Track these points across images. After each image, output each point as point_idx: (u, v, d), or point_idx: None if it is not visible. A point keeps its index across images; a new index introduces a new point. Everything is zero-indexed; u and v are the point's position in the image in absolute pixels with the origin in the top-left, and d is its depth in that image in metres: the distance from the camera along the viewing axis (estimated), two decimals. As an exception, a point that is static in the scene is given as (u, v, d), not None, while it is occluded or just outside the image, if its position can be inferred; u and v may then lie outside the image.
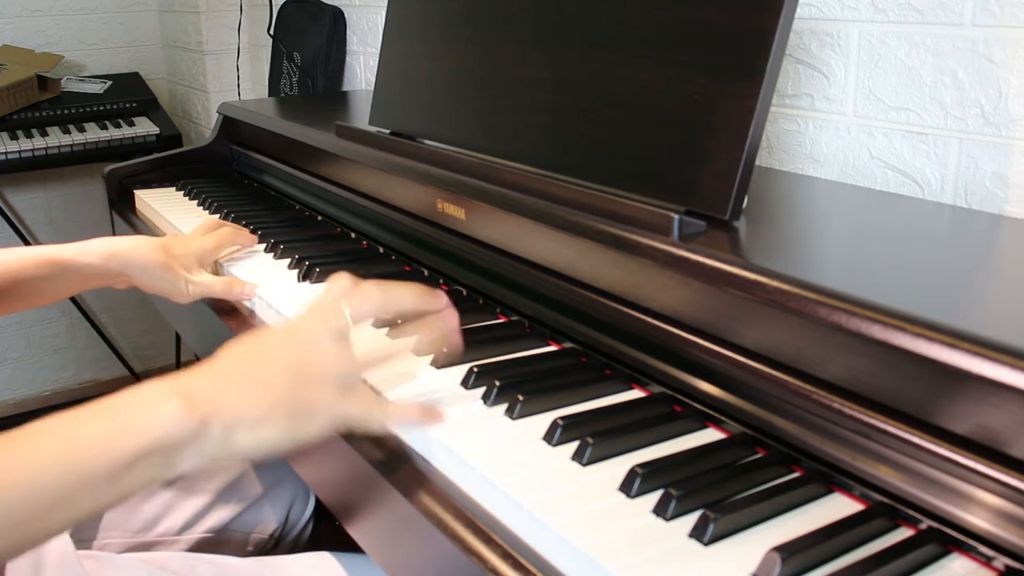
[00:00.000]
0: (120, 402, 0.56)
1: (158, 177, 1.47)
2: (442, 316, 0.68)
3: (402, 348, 0.67)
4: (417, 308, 0.67)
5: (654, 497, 0.55)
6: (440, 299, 0.68)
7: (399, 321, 0.69)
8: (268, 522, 1.02)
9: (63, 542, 0.78)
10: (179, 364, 2.71)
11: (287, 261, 1.01)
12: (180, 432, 0.55)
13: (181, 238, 0.99)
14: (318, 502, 1.07)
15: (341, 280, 0.65)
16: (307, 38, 1.96)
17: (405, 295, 0.66)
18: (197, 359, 0.85)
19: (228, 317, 0.94)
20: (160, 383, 0.57)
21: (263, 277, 0.97)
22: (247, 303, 0.96)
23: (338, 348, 0.61)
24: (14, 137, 2.23)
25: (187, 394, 0.56)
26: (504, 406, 0.66)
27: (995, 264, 0.69)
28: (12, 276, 0.89)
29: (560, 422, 0.62)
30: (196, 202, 1.33)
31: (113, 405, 0.56)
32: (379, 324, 0.74)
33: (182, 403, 0.55)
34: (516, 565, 0.52)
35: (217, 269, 1.04)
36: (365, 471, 0.65)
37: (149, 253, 0.93)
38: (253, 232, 1.12)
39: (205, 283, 0.95)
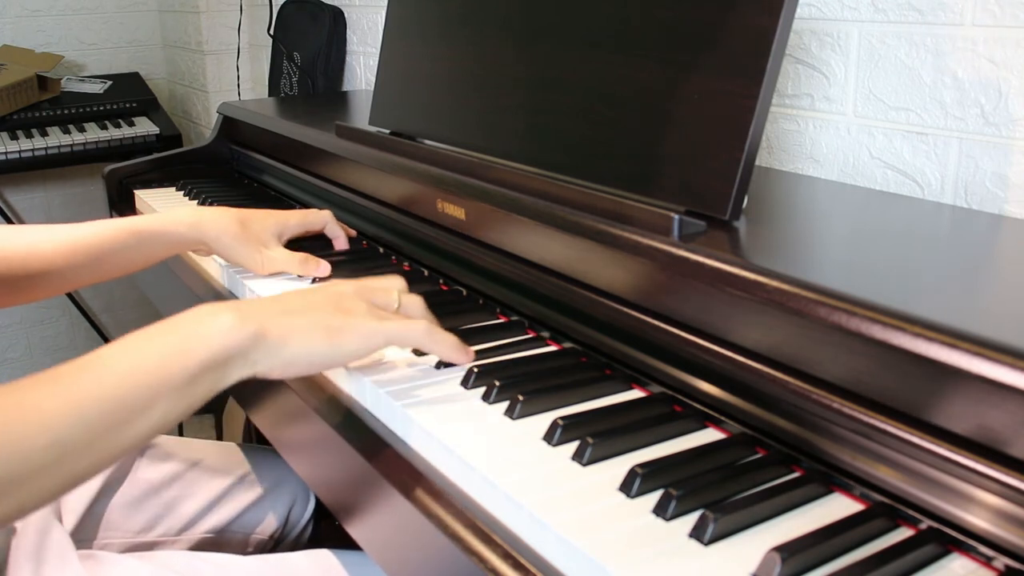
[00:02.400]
0: (181, 320, 0.62)
1: (158, 177, 1.47)
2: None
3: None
4: (446, 359, 0.72)
5: (654, 497, 0.55)
6: (468, 354, 0.72)
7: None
8: (268, 522, 1.02)
9: (63, 542, 0.78)
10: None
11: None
12: (235, 342, 0.61)
13: (261, 212, 1.00)
14: (318, 502, 1.07)
15: (410, 298, 0.73)
16: (307, 38, 1.96)
17: (444, 345, 0.71)
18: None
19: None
20: (214, 303, 0.63)
21: (263, 278, 0.97)
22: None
23: (381, 308, 0.70)
24: (14, 137, 2.23)
25: (239, 309, 0.63)
26: (504, 406, 0.66)
27: (995, 264, 0.69)
28: (95, 247, 0.90)
29: (560, 422, 0.62)
30: (196, 202, 1.33)
31: (175, 323, 0.61)
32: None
33: (236, 316, 0.62)
34: (516, 565, 0.52)
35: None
36: (365, 470, 0.65)
37: (226, 224, 0.95)
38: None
39: (280, 259, 0.96)
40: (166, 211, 0.96)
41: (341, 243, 1.06)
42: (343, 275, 0.94)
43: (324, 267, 0.96)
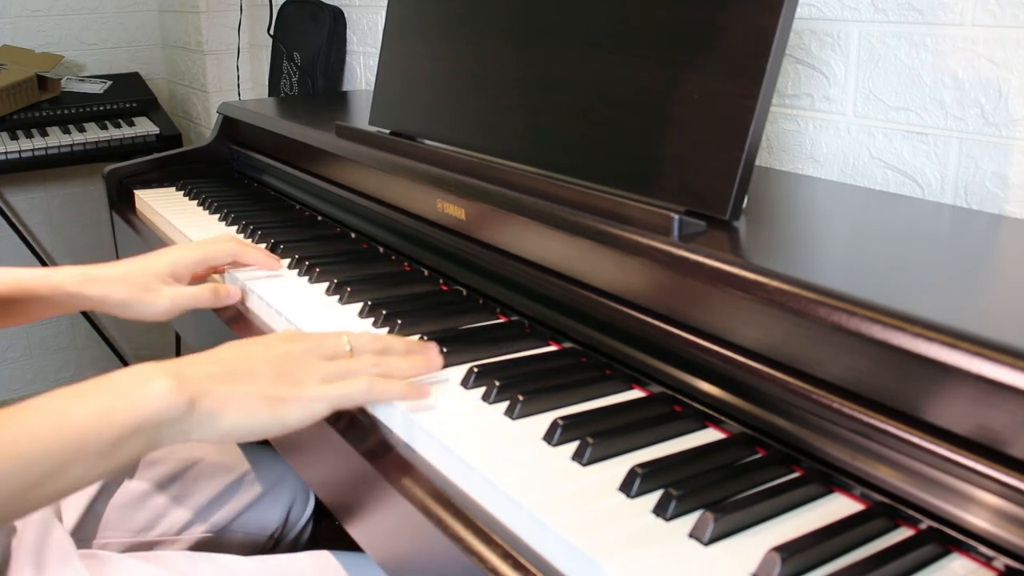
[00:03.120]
0: (113, 380, 0.60)
1: (158, 177, 1.47)
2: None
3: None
4: (406, 352, 0.71)
5: (654, 497, 0.55)
6: (431, 348, 0.72)
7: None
8: (268, 522, 1.02)
9: (64, 541, 0.78)
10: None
11: (287, 261, 1.01)
12: (168, 410, 0.59)
13: (150, 256, 0.93)
14: (318, 502, 1.07)
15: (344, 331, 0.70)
16: (307, 38, 1.96)
17: (396, 344, 0.71)
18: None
19: (227, 315, 0.94)
20: (152, 364, 0.61)
21: (262, 276, 0.97)
22: (246, 301, 0.96)
23: (331, 362, 0.67)
24: (14, 137, 2.23)
25: (177, 374, 0.60)
26: (504, 406, 0.66)
27: (995, 264, 0.69)
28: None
29: (560, 422, 0.62)
30: (196, 202, 1.33)
31: (106, 383, 0.59)
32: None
33: (172, 382, 0.59)
34: (516, 565, 0.52)
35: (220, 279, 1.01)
36: (364, 470, 0.65)
37: (106, 287, 0.89)
38: (254, 233, 1.12)
39: (183, 295, 0.90)
40: (57, 269, 0.90)
41: (269, 265, 0.97)
42: (343, 275, 0.94)
43: (235, 293, 0.93)
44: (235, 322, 0.92)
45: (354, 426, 0.69)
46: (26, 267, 0.91)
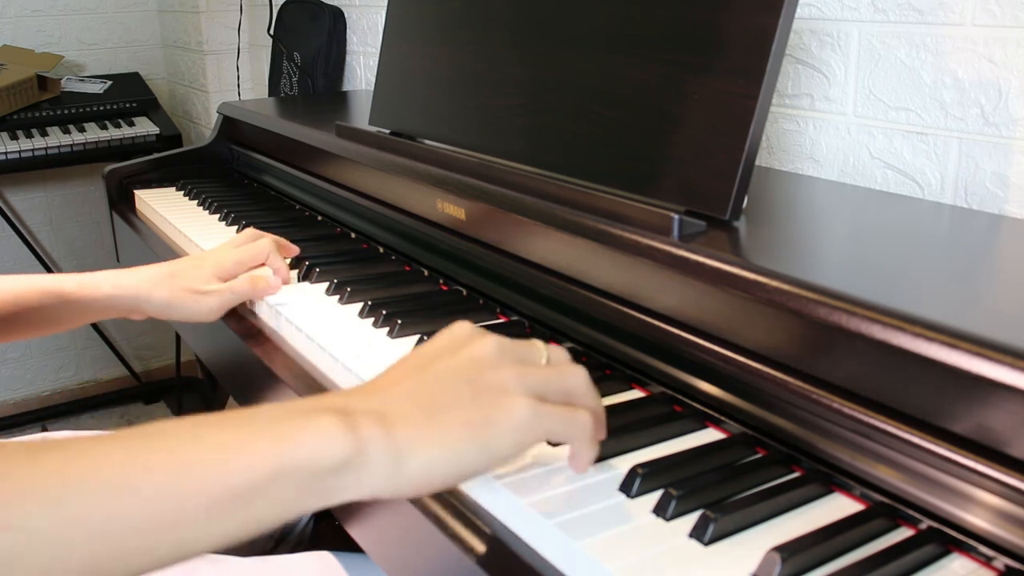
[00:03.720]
0: (262, 411, 0.47)
1: (158, 177, 1.47)
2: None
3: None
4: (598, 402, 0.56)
5: (654, 497, 0.55)
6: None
7: None
8: (268, 522, 1.02)
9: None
10: (179, 364, 2.71)
11: (287, 261, 1.01)
12: (330, 451, 0.45)
13: (193, 260, 0.93)
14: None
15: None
16: (307, 38, 1.96)
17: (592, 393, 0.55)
18: (197, 359, 0.84)
19: (228, 315, 0.94)
20: (318, 398, 0.49)
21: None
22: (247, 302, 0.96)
23: (541, 368, 0.52)
24: (14, 137, 2.23)
25: (346, 409, 0.47)
26: (504, 406, 0.66)
27: (995, 264, 0.69)
28: (10, 304, 0.85)
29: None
30: (196, 202, 1.33)
31: (254, 413, 0.47)
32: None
33: (340, 418, 0.46)
34: (516, 565, 0.52)
35: None
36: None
37: (153, 287, 0.88)
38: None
39: (225, 289, 0.90)
40: (88, 274, 0.89)
41: (283, 274, 0.95)
42: (343, 275, 0.94)
43: (276, 282, 0.91)
44: (238, 324, 0.92)
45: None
46: (35, 271, 0.91)
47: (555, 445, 0.58)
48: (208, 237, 1.14)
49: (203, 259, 0.94)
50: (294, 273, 0.98)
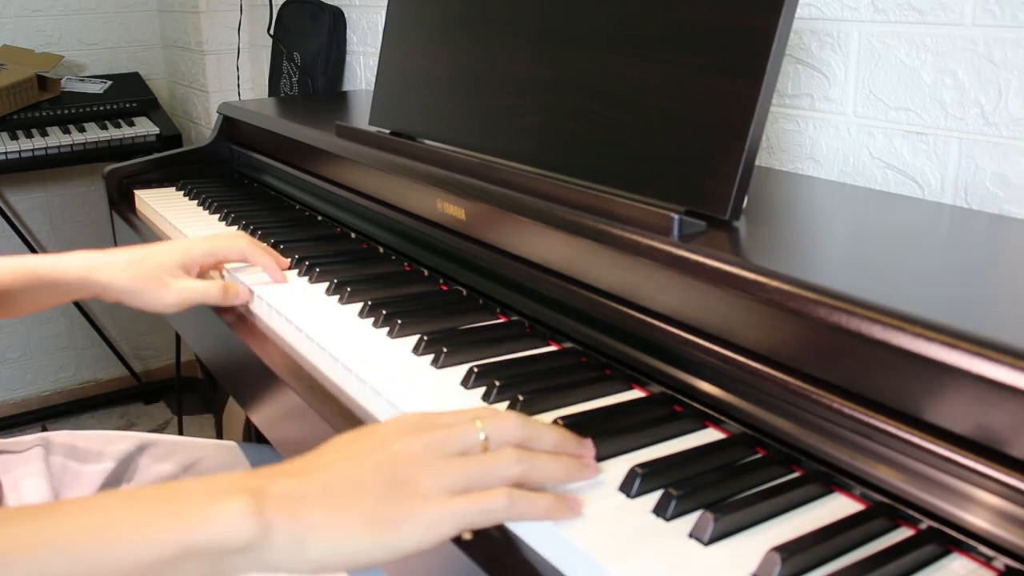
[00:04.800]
0: (184, 488, 0.50)
1: (158, 177, 1.47)
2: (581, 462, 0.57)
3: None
4: (556, 449, 0.56)
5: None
6: (588, 450, 0.58)
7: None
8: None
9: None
10: (179, 364, 2.71)
11: (287, 261, 1.01)
12: (236, 535, 0.47)
13: (160, 245, 0.92)
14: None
15: (480, 412, 0.56)
16: (307, 38, 1.96)
17: (545, 435, 0.56)
18: (197, 359, 0.84)
19: (228, 315, 0.94)
20: (237, 476, 0.51)
21: (264, 277, 0.97)
22: (248, 302, 0.95)
23: (461, 462, 0.53)
24: (14, 137, 2.23)
25: (259, 491, 0.49)
26: (504, 406, 0.66)
27: (995, 264, 0.69)
28: None
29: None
30: (196, 202, 1.33)
31: (172, 490, 0.50)
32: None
33: (249, 501, 0.48)
34: (516, 565, 0.52)
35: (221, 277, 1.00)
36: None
37: (115, 272, 0.88)
38: (254, 233, 1.12)
39: (193, 289, 0.89)
40: (61, 255, 0.89)
41: (275, 275, 0.94)
42: (343, 275, 0.94)
43: (244, 293, 0.91)
44: (238, 324, 0.92)
45: (352, 426, 0.69)
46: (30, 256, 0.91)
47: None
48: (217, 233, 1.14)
49: (172, 246, 0.93)
50: (293, 273, 0.98)
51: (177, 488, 0.50)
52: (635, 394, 0.70)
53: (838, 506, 0.55)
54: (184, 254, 0.92)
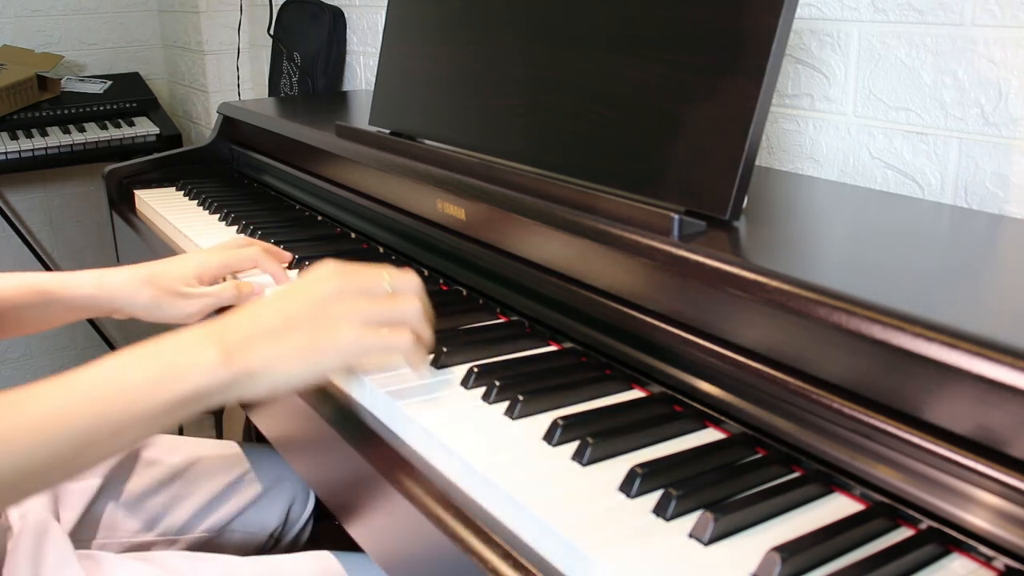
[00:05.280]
0: (164, 350, 0.61)
1: (158, 177, 1.47)
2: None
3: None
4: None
5: (654, 497, 0.55)
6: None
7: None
8: (268, 521, 1.02)
9: (62, 543, 0.78)
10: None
11: (289, 256, 1.01)
12: (216, 379, 0.61)
13: (176, 260, 0.93)
14: (318, 502, 1.07)
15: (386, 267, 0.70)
16: (307, 38, 1.96)
17: (419, 359, 0.69)
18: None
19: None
20: (199, 330, 0.63)
21: (264, 278, 0.97)
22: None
23: (371, 301, 0.66)
24: (14, 137, 2.23)
25: (223, 345, 0.62)
26: (504, 406, 0.66)
27: (995, 264, 0.69)
28: None
29: (560, 422, 0.62)
30: (196, 202, 1.33)
31: (158, 351, 0.61)
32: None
33: (219, 353, 0.61)
34: (516, 565, 0.52)
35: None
36: (364, 471, 0.65)
37: (134, 288, 0.89)
38: (253, 234, 1.12)
39: (209, 293, 0.90)
40: (72, 273, 0.89)
41: (280, 278, 0.96)
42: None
43: (258, 292, 0.93)
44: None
45: (354, 426, 0.69)
46: (34, 271, 0.90)
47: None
48: (208, 237, 1.14)
49: (187, 260, 0.94)
50: (293, 273, 0.98)
51: (157, 350, 0.61)
52: (635, 394, 0.70)
53: (838, 506, 0.55)
54: (199, 267, 0.93)
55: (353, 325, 0.64)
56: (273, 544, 1.04)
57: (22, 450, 0.55)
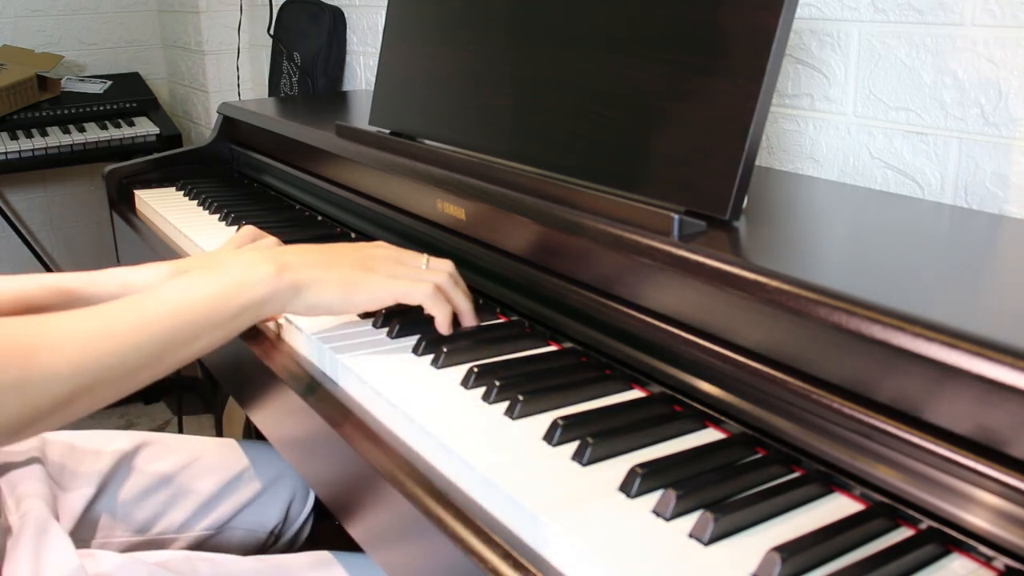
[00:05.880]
0: (230, 265, 0.74)
1: (158, 177, 1.47)
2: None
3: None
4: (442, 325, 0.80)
5: (654, 497, 0.55)
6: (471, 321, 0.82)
7: None
8: (268, 518, 1.02)
9: (62, 542, 0.78)
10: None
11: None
12: (272, 289, 0.73)
13: (198, 258, 0.92)
14: (318, 501, 1.07)
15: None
16: (307, 38, 1.96)
17: (464, 285, 0.82)
18: (197, 359, 0.84)
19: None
20: (259, 252, 0.77)
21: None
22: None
23: (406, 266, 0.79)
24: (14, 137, 2.23)
25: (278, 263, 0.74)
26: (504, 406, 0.66)
27: (995, 264, 0.69)
28: (14, 303, 0.84)
29: (560, 422, 0.62)
30: (196, 202, 1.33)
31: (226, 268, 0.74)
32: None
33: (275, 267, 0.74)
34: (516, 565, 0.52)
35: None
36: (364, 470, 0.65)
37: (161, 283, 0.86)
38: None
39: None
40: (94, 272, 0.89)
41: None
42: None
43: None
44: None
45: (354, 426, 0.69)
46: (34, 271, 0.90)
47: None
48: (208, 237, 1.14)
49: (208, 258, 0.93)
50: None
51: (223, 267, 0.74)
52: (635, 394, 0.70)
53: (838, 506, 0.55)
54: None
55: (386, 275, 0.77)
56: (273, 541, 1.04)
57: (126, 348, 0.65)
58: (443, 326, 0.78)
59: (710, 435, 0.64)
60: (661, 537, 0.51)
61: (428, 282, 0.77)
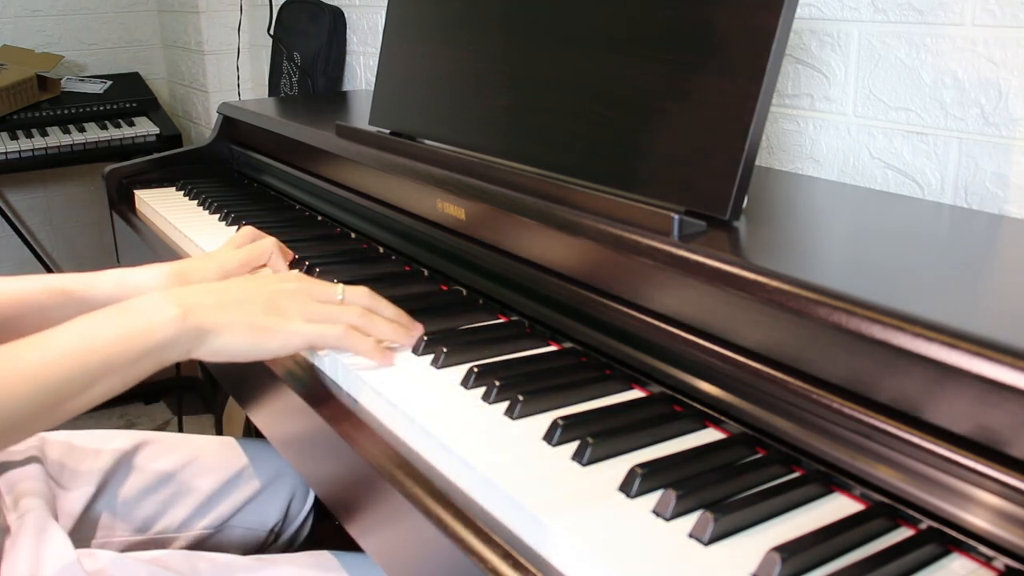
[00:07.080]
0: (131, 308, 0.70)
1: (158, 177, 1.47)
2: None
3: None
4: (393, 318, 0.78)
5: (654, 497, 0.55)
6: (416, 328, 0.79)
7: None
8: (268, 516, 1.02)
9: (61, 542, 0.78)
10: (178, 364, 2.71)
11: (291, 254, 1.01)
12: (175, 333, 0.69)
13: (199, 260, 0.93)
14: (317, 499, 1.07)
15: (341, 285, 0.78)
16: (307, 38, 1.96)
17: (386, 308, 0.78)
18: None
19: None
20: (163, 293, 0.72)
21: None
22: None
23: (320, 304, 0.75)
24: (14, 137, 2.23)
25: (183, 303, 0.70)
26: (504, 406, 0.66)
27: (995, 264, 0.69)
28: (15, 304, 0.84)
29: (560, 422, 0.62)
30: (196, 202, 1.33)
31: (124, 310, 0.69)
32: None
33: (179, 311, 0.69)
34: (516, 565, 0.52)
35: None
36: (364, 470, 0.65)
37: (161, 287, 0.87)
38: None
39: None
40: (93, 273, 0.89)
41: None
42: (343, 276, 0.94)
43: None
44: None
45: (354, 426, 0.69)
46: (34, 271, 0.90)
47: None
48: (208, 237, 1.14)
49: (209, 259, 0.93)
50: (294, 274, 0.98)
51: (124, 308, 0.70)
52: (635, 394, 0.70)
53: (838, 506, 0.55)
54: (221, 268, 0.91)
55: (299, 319, 0.73)
56: (273, 540, 1.04)
57: (12, 398, 0.62)
58: (370, 356, 0.74)
59: (710, 435, 0.64)
60: (661, 537, 0.51)
61: (340, 323, 0.73)
